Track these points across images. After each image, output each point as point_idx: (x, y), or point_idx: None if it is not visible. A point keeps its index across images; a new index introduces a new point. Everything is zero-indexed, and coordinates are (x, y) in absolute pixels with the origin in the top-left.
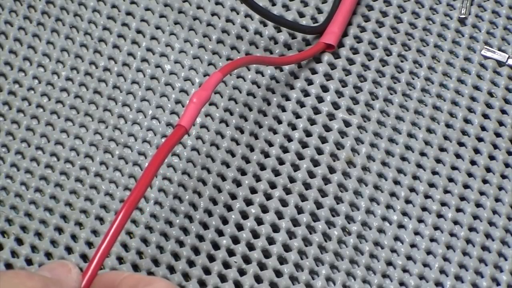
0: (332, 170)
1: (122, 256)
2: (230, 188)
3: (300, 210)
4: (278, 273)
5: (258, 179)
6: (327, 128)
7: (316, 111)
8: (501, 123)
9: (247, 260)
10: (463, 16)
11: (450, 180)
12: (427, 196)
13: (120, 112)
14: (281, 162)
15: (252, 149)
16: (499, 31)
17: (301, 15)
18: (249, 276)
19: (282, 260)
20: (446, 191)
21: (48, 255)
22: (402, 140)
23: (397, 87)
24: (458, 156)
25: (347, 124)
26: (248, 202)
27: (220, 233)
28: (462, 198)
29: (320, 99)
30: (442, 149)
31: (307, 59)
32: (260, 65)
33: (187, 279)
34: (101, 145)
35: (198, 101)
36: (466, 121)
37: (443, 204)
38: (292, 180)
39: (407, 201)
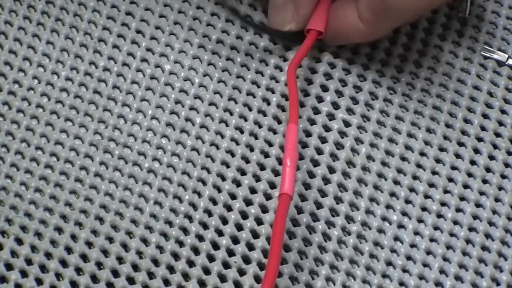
0: (332, 170)
1: (122, 256)
2: (230, 188)
3: (300, 210)
4: (278, 273)
5: (258, 179)
6: (327, 128)
7: (316, 111)
8: (501, 123)
9: (247, 260)
10: (463, 16)
11: (450, 180)
12: (427, 196)
13: (120, 112)
14: (281, 162)
15: (252, 149)
16: (499, 31)
17: None
18: (249, 276)
19: (282, 261)
20: (446, 191)
21: (48, 255)
22: (402, 140)
23: (397, 87)
24: (458, 156)
25: (347, 124)
26: (248, 202)
27: (220, 233)
28: (462, 198)
29: (320, 99)
30: (442, 149)
31: (307, 53)
32: None
33: (187, 279)
34: (101, 145)
35: (292, 163)
36: (466, 121)
37: (443, 204)
38: None
39: (407, 201)
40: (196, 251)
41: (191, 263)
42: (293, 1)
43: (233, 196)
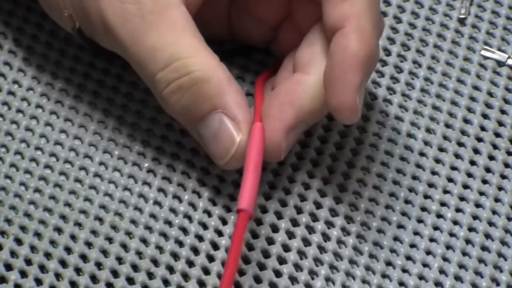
0: (331, 170)
1: (121, 256)
2: (229, 190)
3: (299, 211)
4: (278, 274)
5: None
6: (327, 129)
7: None
8: (501, 123)
9: (246, 260)
10: (463, 16)
11: (450, 180)
12: (426, 196)
13: (120, 115)
14: (281, 163)
15: None
16: (499, 31)
17: None
18: (249, 277)
19: (281, 261)
20: (445, 191)
21: (48, 255)
22: (401, 141)
23: (397, 87)
24: (457, 156)
25: (347, 125)
26: None
27: (220, 233)
28: (462, 198)
29: None
30: (441, 149)
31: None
32: None
33: (186, 279)
34: (100, 146)
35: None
36: (466, 121)
37: (443, 204)
38: (291, 181)
39: (407, 201)
40: (195, 251)
41: (190, 263)
42: (226, 117)
43: (232, 198)
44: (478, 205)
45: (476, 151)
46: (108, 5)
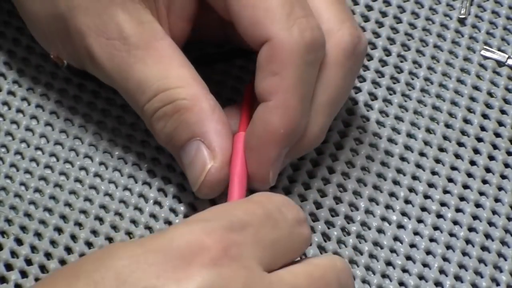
0: (331, 170)
1: None
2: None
3: None
4: None
5: None
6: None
7: None
8: (500, 123)
9: None
10: (463, 16)
11: (450, 180)
12: (426, 196)
13: (120, 115)
14: None
15: None
16: (499, 31)
17: None
18: None
19: None
20: (445, 191)
21: (48, 255)
22: (401, 141)
23: (397, 87)
24: (457, 156)
25: (346, 124)
26: None
27: None
28: (462, 199)
29: None
30: (441, 149)
31: None
32: None
33: None
34: (100, 146)
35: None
36: (466, 121)
37: (443, 204)
38: (291, 181)
39: (407, 201)
40: None
41: None
42: (203, 144)
43: None
44: (478, 205)
45: (476, 151)
46: (94, 42)
